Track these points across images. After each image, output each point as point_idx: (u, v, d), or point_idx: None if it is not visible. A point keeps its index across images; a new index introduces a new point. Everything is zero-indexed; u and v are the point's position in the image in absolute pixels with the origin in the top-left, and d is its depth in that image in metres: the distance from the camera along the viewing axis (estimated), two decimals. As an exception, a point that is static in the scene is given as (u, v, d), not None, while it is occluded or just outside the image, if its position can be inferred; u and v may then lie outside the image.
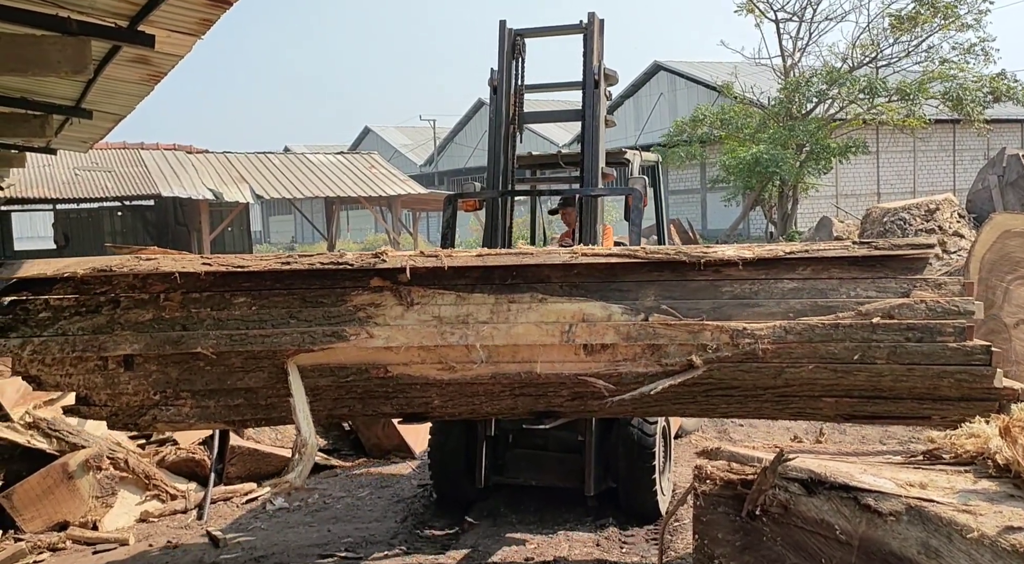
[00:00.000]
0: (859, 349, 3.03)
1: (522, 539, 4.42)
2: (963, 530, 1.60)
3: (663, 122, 30.30)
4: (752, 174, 20.26)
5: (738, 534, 1.88)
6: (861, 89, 19.90)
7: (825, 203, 28.09)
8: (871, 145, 25.24)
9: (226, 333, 3.25)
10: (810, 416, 3.41)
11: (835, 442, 5.95)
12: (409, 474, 5.73)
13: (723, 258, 3.22)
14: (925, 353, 2.98)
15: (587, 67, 4.68)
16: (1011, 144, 27.51)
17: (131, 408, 3.44)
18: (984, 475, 1.79)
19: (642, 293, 3.26)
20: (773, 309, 3.15)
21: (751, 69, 23.17)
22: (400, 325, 3.26)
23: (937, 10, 19.80)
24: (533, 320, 3.25)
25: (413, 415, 3.69)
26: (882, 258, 3.19)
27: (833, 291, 3.16)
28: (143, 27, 5.45)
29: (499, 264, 3.36)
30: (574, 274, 3.33)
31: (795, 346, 3.07)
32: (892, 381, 3.04)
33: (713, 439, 6.02)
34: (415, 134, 54.15)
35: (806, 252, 3.26)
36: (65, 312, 3.31)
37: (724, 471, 1.89)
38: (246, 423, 3.74)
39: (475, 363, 3.29)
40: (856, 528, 1.76)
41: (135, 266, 3.31)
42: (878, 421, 3.44)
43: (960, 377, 2.96)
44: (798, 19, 22.11)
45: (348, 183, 18.04)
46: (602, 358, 3.25)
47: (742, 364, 3.13)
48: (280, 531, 4.66)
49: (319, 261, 3.36)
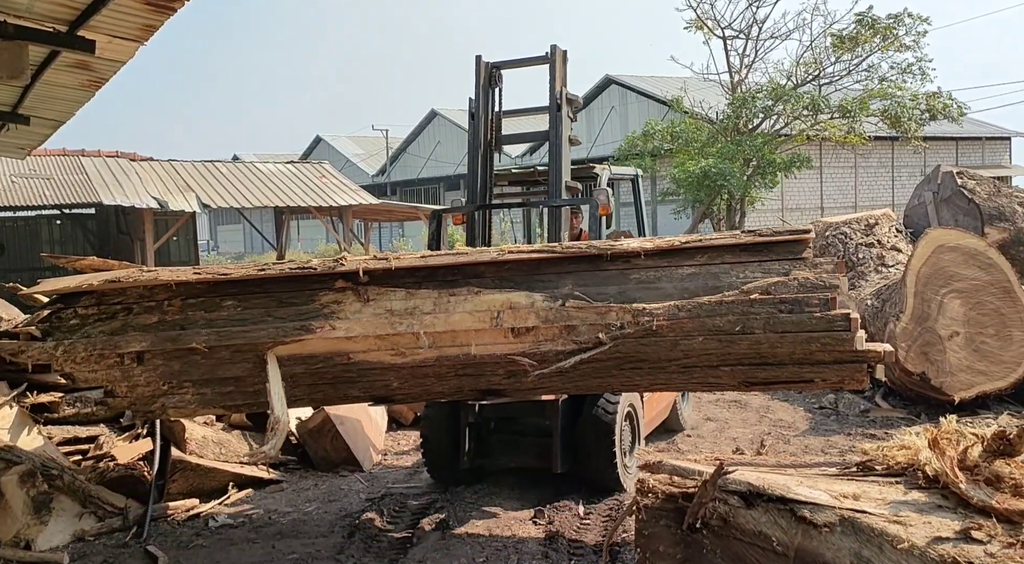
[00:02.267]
0: (740, 321, 3.49)
1: (470, 554, 4.40)
2: (894, 540, 1.65)
3: (614, 135, 30.65)
4: (701, 187, 20.59)
5: (679, 547, 1.91)
6: (805, 106, 20.41)
7: (772, 217, 28.70)
8: (815, 161, 25.86)
9: (215, 330, 3.88)
10: (713, 385, 3.92)
11: (778, 452, 6.07)
12: (358, 488, 5.66)
13: (628, 250, 3.71)
14: (794, 322, 3.42)
15: (552, 93, 5.27)
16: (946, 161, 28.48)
17: (145, 397, 4.11)
18: (914, 486, 1.84)
19: (561, 283, 3.76)
20: (671, 291, 3.63)
21: (700, 84, 23.60)
22: (358, 318, 3.81)
23: (877, 31, 20.44)
24: (468, 309, 3.76)
25: (378, 398, 4.25)
26: (768, 244, 3.64)
27: (725, 274, 3.61)
28: (83, 32, 5.32)
29: (441, 263, 3.89)
30: (505, 269, 3.83)
31: (686, 321, 3.53)
32: (769, 348, 3.48)
33: (653, 453, 6.07)
34: (367, 144, 53.76)
35: (700, 242, 3.73)
36: (90, 319, 4.01)
37: (666, 485, 1.91)
38: (239, 408, 4.35)
39: (421, 348, 3.82)
40: (792, 539, 1.80)
41: (139, 277, 4.00)
42: (771, 387, 3.94)
43: (825, 342, 3.41)
44: (744, 37, 22.59)
45: (298, 193, 17.81)
46: (527, 339, 3.74)
47: (643, 339, 3.59)
48: (223, 548, 4.56)
49: (289, 267, 3.98)
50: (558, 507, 4.97)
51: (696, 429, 6.86)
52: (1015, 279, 6.62)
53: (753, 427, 6.92)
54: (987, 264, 6.63)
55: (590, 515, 4.89)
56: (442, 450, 5.38)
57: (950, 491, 1.76)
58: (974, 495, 1.70)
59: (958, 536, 1.66)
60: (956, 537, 1.65)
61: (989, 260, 6.65)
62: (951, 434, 1.84)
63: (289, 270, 3.93)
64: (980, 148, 37.26)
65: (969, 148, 36.64)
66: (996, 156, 38.22)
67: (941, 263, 6.71)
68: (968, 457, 1.76)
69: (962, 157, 35.18)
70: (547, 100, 5.36)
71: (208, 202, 16.44)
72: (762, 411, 7.45)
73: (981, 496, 1.69)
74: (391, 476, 5.95)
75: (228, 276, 3.94)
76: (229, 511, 5.16)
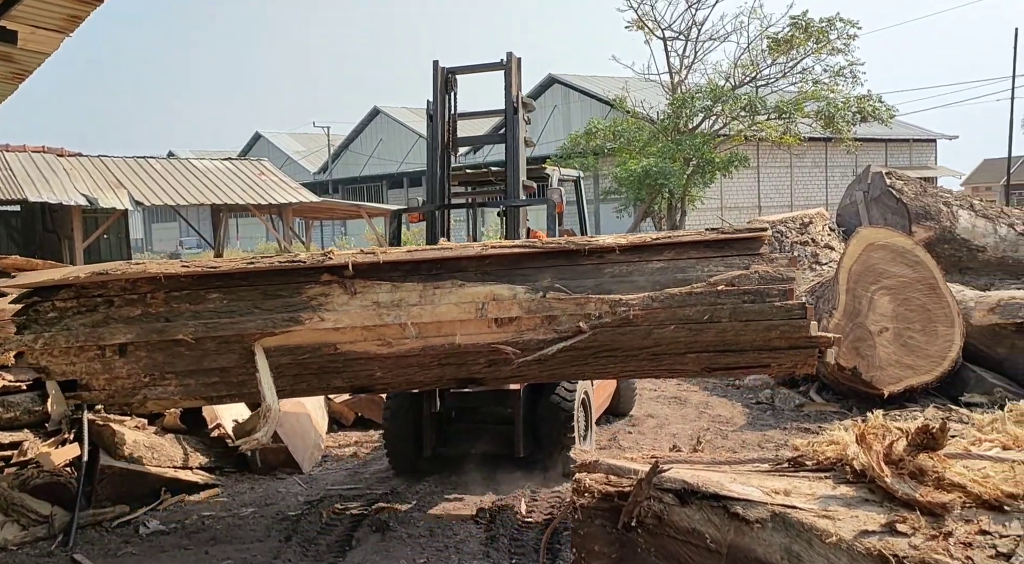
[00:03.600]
0: (708, 311, 3.80)
1: (410, 556, 4.35)
2: (822, 535, 1.68)
3: (557, 134, 30.81)
4: (642, 186, 20.86)
5: (614, 546, 1.91)
6: (742, 106, 20.86)
7: (711, 215, 29.23)
8: (752, 160, 26.43)
9: (202, 322, 3.96)
10: (680, 372, 4.25)
11: (717, 447, 6.17)
12: (297, 490, 5.56)
13: (604, 246, 3.96)
14: (757, 311, 3.77)
15: (508, 97, 5.50)
16: (876, 162, 29.44)
17: (125, 390, 4.11)
18: (843, 481, 1.88)
19: (540, 276, 3.97)
20: (643, 284, 3.90)
21: (641, 84, 23.89)
22: (346, 310, 3.97)
23: (810, 34, 20.99)
24: (454, 301, 3.94)
25: (360, 387, 4.42)
26: (728, 241, 3.97)
27: (691, 268, 3.91)
28: (4, 23, 5.11)
29: (425, 258, 4.06)
30: (486, 263, 4.01)
31: (659, 311, 3.82)
32: (734, 335, 3.82)
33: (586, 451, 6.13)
34: (308, 141, 52.96)
35: (668, 238, 4.04)
36: (69, 312, 3.99)
37: (602, 484, 1.92)
38: (222, 399, 4.45)
39: (408, 338, 3.99)
40: (725, 536, 1.82)
41: (125, 270, 4.03)
42: (732, 372, 4.32)
43: (784, 329, 3.78)
44: (684, 38, 22.95)
45: (236, 190, 17.42)
46: (509, 329, 3.96)
47: (619, 328, 3.86)
48: (153, 556, 4.43)
49: (278, 261, 4.09)
50: (500, 506, 4.96)
51: (637, 426, 6.93)
52: (940, 276, 6.85)
53: (693, 423, 7.02)
54: (914, 262, 6.85)
55: (532, 513, 4.89)
56: (405, 440, 5.55)
57: (877, 485, 1.80)
58: (899, 489, 1.74)
59: (883, 529, 1.69)
60: (882, 530, 1.69)
61: (916, 258, 6.86)
62: (877, 429, 1.89)
63: (277, 263, 4.05)
64: (908, 150, 38.63)
65: (898, 150, 37.95)
66: (923, 157, 39.67)
67: (871, 261, 6.91)
68: (894, 451, 1.81)
69: (891, 158, 36.42)
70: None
71: (141, 199, 15.96)
72: (701, 407, 7.57)
73: (905, 489, 1.74)
74: (331, 477, 5.86)
75: (217, 269, 4.04)
76: (161, 517, 5.01)
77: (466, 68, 5.83)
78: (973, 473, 1.74)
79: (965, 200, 10.22)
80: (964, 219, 9.62)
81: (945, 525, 1.64)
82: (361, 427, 7.12)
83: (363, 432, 7.01)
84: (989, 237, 9.57)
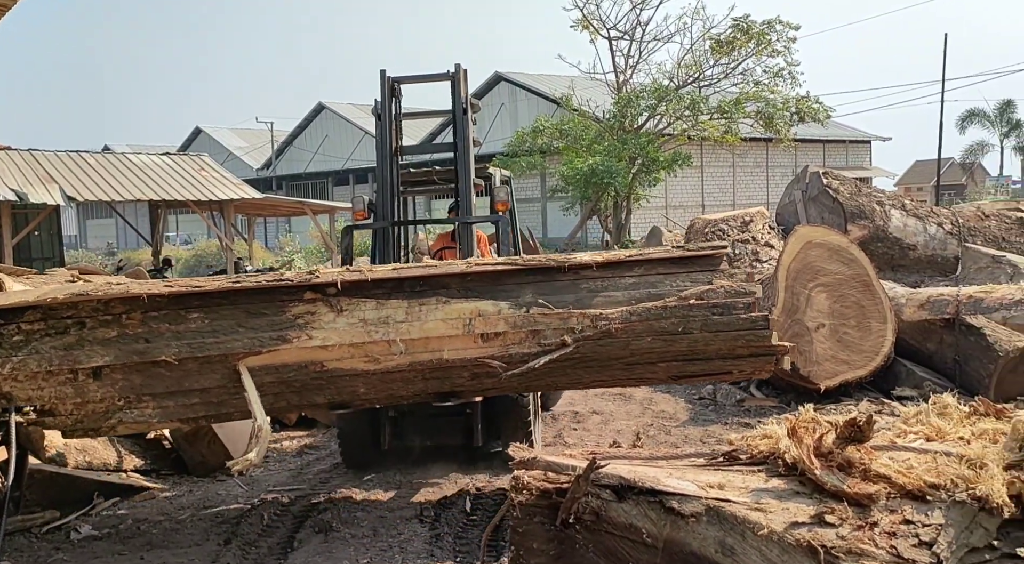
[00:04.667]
0: (681, 323, 4.07)
1: (354, 556, 4.31)
2: (755, 527, 1.71)
3: (504, 132, 30.82)
4: (588, 184, 21.01)
5: (552, 543, 1.92)
6: (686, 106, 21.17)
7: (656, 214, 29.61)
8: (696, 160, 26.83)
9: (185, 342, 3.96)
10: (649, 380, 4.58)
11: (660, 443, 6.25)
12: (237, 493, 5.45)
13: (581, 262, 4.19)
14: (726, 322, 4.07)
15: (456, 107, 5.62)
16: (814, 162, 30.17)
17: (96, 414, 4.03)
18: (775, 474, 1.92)
19: (522, 292, 4.16)
20: (619, 298, 4.14)
21: (587, 83, 24.06)
22: (334, 328, 4.04)
23: (751, 36, 21.41)
24: (440, 317, 4.08)
25: (341, 404, 4.47)
26: (692, 258, 4.27)
27: (660, 283, 4.18)
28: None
29: (410, 275, 4.18)
30: (468, 280, 4.18)
31: (637, 324, 4.05)
32: (704, 345, 4.10)
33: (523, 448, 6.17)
34: (251, 136, 51.96)
35: (640, 255, 4.33)
36: (36, 334, 3.90)
37: (540, 481, 1.93)
38: (200, 420, 4.40)
39: (395, 355, 4.09)
40: (661, 531, 1.84)
41: (107, 290, 3.97)
42: (696, 379, 4.65)
43: (749, 338, 4.09)
44: (629, 38, 23.18)
45: (175, 186, 16.99)
46: (496, 343, 4.12)
47: (600, 341, 4.07)
48: (85, 562, 4.30)
49: (265, 280, 4.16)
50: (445, 504, 4.94)
51: (582, 422, 6.98)
52: (873, 273, 7.05)
53: (637, 419, 7.10)
54: (849, 259, 7.03)
55: (477, 511, 4.88)
56: (360, 435, 5.59)
57: (807, 477, 1.84)
58: (828, 481, 1.79)
59: (813, 520, 1.74)
60: (811, 522, 1.74)
61: (851, 255, 7.05)
62: (808, 423, 1.94)
63: (263, 282, 4.10)
64: (844, 150, 39.72)
65: (835, 150, 38.98)
66: (858, 158, 40.85)
67: (809, 258, 7.07)
68: (823, 444, 1.86)
69: (828, 159, 37.39)
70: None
71: (74, 195, 15.46)
72: (645, 403, 7.65)
73: (834, 481, 1.78)
74: (273, 479, 5.77)
75: (198, 288, 4.03)
76: (94, 522, 4.87)
77: (413, 78, 5.96)
78: (898, 464, 1.80)
79: (897, 200, 10.55)
80: (896, 218, 9.93)
81: (871, 515, 1.69)
82: (304, 427, 7.02)
83: (306, 431, 6.92)
84: (919, 236, 9.90)
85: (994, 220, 10.39)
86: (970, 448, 1.82)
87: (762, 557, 1.74)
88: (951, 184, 49.28)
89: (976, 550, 1.65)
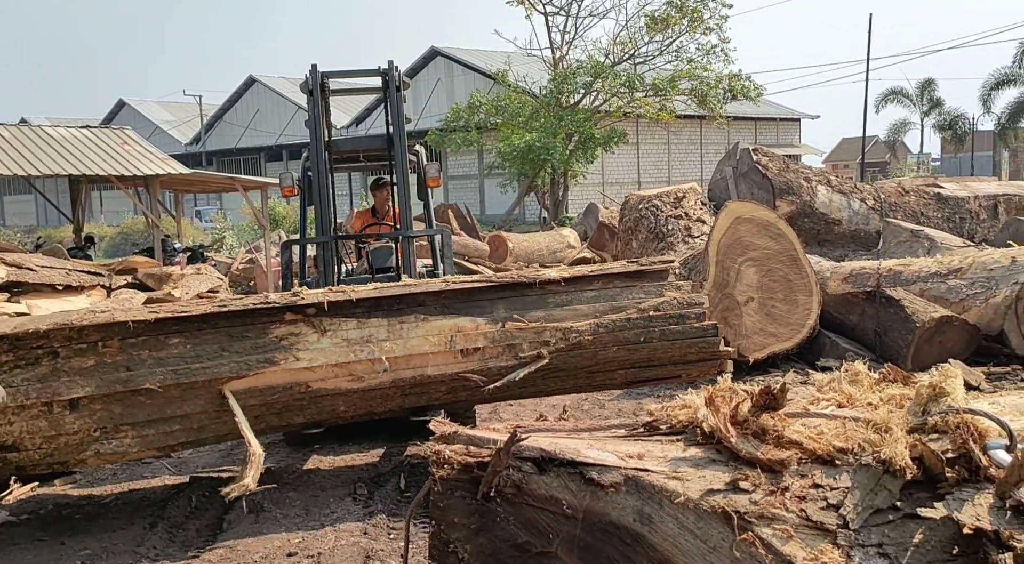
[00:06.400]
0: (643, 333, 4.41)
1: (285, 536, 4.26)
2: (672, 496, 1.75)
3: (441, 107, 30.54)
4: (525, 161, 21.02)
5: (473, 517, 1.93)
6: (622, 83, 21.29)
7: (593, 190, 29.82)
8: (631, 137, 27.04)
9: (170, 369, 3.90)
10: (609, 385, 4.85)
11: (594, 416, 6.33)
12: (163, 474, 5.33)
13: (549, 278, 4.45)
14: (681, 331, 4.45)
15: (396, 115, 5.72)
16: (746, 139, 30.78)
17: (69, 447, 3.89)
18: (693, 442, 1.97)
19: (495, 307, 4.35)
20: (584, 311, 4.41)
21: (524, 59, 23.98)
22: (319, 348, 4.10)
23: (685, 13, 21.61)
24: (422, 334, 4.22)
25: (320, 422, 4.52)
26: (643, 272, 4.63)
27: (618, 295, 4.49)
28: None
29: (389, 294, 4.27)
30: (443, 297, 4.32)
31: (604, 335, 4.35)
32: (662, 353, 4.47)
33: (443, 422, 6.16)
34: (179, 110, 50.30)
35: (600, 270, 4.65)
36: (5, 366, 3.73)
37: (461, 455, 1.93)
38: (178, 447, 4.31)
39: (379, 372, 4.19)
40: (581, 502, 1.86)
41: (93, 319, 3.84)
42: (650, 383, 5.10)
43: (701, 345, 4.50)
44: (565, 13, 23.14)
45: (96, 160, 16.32)
46: (475, 358, 4.29)
47: (571, 352, 4.34)
48: (3, 550, 4.16)
49: (251, 302, 4.15)
50: (378, 482, 4.92)
51: (517, 398, 7.02)
52: (800, 248, 7.25)
53: (573, 395, 7.17)
54: (777, 234, 7.20)
55: (411, 489, 4.88)
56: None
57: (723, 445, 1.89)
58: (743, 448, 1.83)
59: (727, 487, 1.78)
60: (726, 488, 1.78)
61: (779, 231, 7.23)
62: (725, 392, 1.99)
63: (249, 305, 4.09)
64: (775, 128, 40.59)
65: (766, 128, 39.81)
66: (788, 136, 41.81)
67: (738, 234, 7.22)
68: (739, 412, 1.90)
69: (760, 136, 38.17)
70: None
71: (-12, 170, 14.73)
72: (579, 377, 7.74)
73: (749, 448, 1.83)
74: (202, 460, 5.66)
75: (180, 313, 3.98)
76: (11, 508, 4.71)
77: (342, 73, 6.06)
78: (809, 430, 1.86)
79: (823, 176, 10.84)
80: (822, 194, 10.21)
81: (783, 481, 1.74)
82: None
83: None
84: (844, 211, 10.21)
85: (913, 196, 10.77)
86: (877, 413, 1.88)
87: (679, 524, 1.77)
88: (876, 161, 50.89)
89: (880, 511, 1.71)
